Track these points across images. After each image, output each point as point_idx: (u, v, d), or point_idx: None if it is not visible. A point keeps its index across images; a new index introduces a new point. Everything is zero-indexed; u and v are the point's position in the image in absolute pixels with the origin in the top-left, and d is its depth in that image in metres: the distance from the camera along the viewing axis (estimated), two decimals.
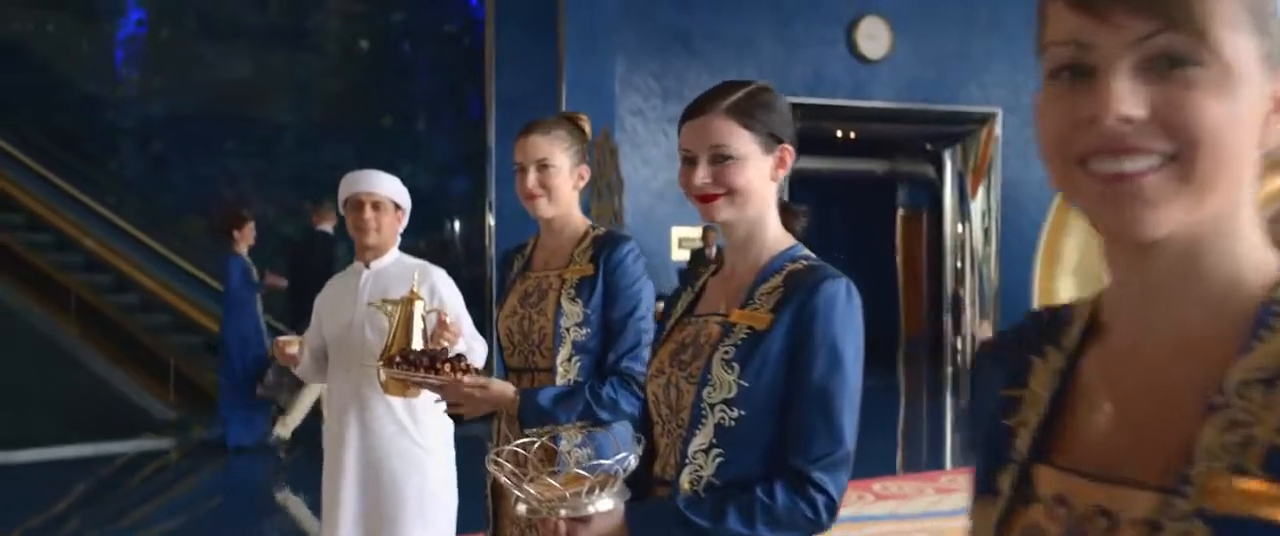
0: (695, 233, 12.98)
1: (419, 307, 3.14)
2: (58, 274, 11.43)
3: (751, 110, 1.89)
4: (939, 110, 14.02)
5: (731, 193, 1.86)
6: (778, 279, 1.87)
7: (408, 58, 13.41)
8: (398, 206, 3.62)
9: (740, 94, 1.92)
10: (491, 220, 11.32)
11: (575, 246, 2.74)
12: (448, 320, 3.22)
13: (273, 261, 10.56)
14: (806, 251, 1.95)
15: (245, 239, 9.22)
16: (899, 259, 17.27)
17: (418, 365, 2.65)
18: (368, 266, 3.63)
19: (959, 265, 14.88)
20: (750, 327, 1.83)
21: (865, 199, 17.17)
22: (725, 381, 1.80)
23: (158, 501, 8.02)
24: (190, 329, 11.51)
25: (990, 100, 14.21)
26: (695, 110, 1.94)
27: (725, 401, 1.80)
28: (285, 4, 13.35)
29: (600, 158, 12.02)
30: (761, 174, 1.88)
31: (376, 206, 3.56)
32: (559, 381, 2.67)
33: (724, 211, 1.88)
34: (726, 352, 1.82)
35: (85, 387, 10.21)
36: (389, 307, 3.14)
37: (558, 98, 11.30)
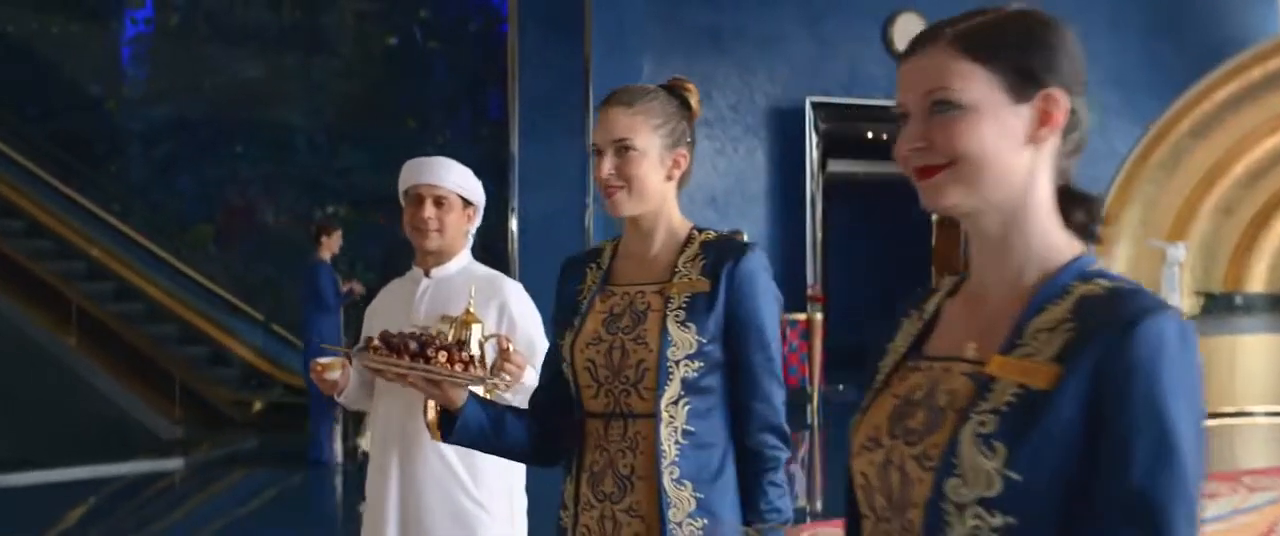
0: None
1: (477, 331, 2.58)
2: (58, 283, 10.93)
3: (990, 41, 1.25)
4: None
5: (956, 163, 1.23)
6: (1063, 307, 1.20)
7: (426, 57, 12.85)
8: (467, 203, 3.04)
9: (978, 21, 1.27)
10: (515, 225, 10.77)
11: (677, 254, 2.18)
12: (510, 349, 2.59)
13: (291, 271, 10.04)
14: (1102, 264, 1.26)
15: (330, 246, 8.89)
16: (934, 267, 16.69)
17: (401, 350, 2.03)
18: (428, 274, 3.05)
19: None
20: (1022, 386, 1.17)
21: (898, 204, 16.53)
22: (982, 471, 1.16)
23: (161, 525, 7.48)
24: (197, 341, 11.02)
25: None
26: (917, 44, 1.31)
27: (982, 502, 1.16)
28: (298, 2, 12.83)
29: None
30: (1006, 130, 1.23)
31: (440, 202, 2.97)
32: (663, 430, 2.09)
33: (951, 194, 1.24)
34: (983, 424, 1.17)
35: (85, 405, 9.68)
36: (444, 327, 2.58)
37: (585, 98, 10.75)
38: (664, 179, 2.16)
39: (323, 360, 2.91)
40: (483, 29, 12.77)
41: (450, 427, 2.09)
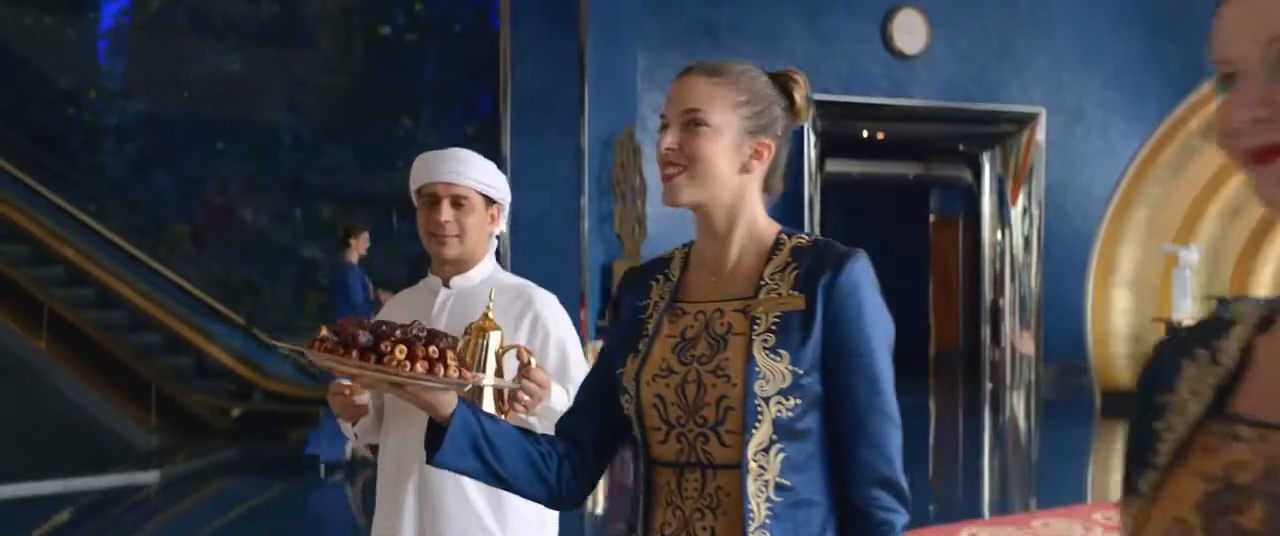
0: None
1: (494, 340, 2.20)
2: (28, 284, 10.50)
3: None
4: (978, 109, 13.17)
5: None
6: None
7: (413, 51, 12.45)
8: (490, 201, 2.66)
9: None
10: (504, 227, 10.39)
11: (763, 263, 1.79)
12: (532, 363, 2.24)
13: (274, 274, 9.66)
14: None
15: (358, 248, 8.64)
16: (933, 270, 16.41)
17: (351, 343, 1.60)
18: (448, 284, 2.68)
19: (997, 274, 14.02)
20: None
21: (896, 204, 16.33)
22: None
23: None
24: (175, 346, 10.60)
25: (1032, 99, 13.37)
26: None
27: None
28: None
29: (623, 158, 11.11)
30: None
31: (459, 203, 2.59)
32: (751, 485, 1.69)
33: None
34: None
35: (55, 413, 9.25)
36: (464, 340, 2.20)
37: (580, 95, 10.40)
38: (738, 169, 1.77)
39: (347, 382, 2.42)
40: (473, 22, 12.38)
41: (438, 445, 1.71)
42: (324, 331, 1.63)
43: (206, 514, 7.83)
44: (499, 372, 2.21)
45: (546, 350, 2.56)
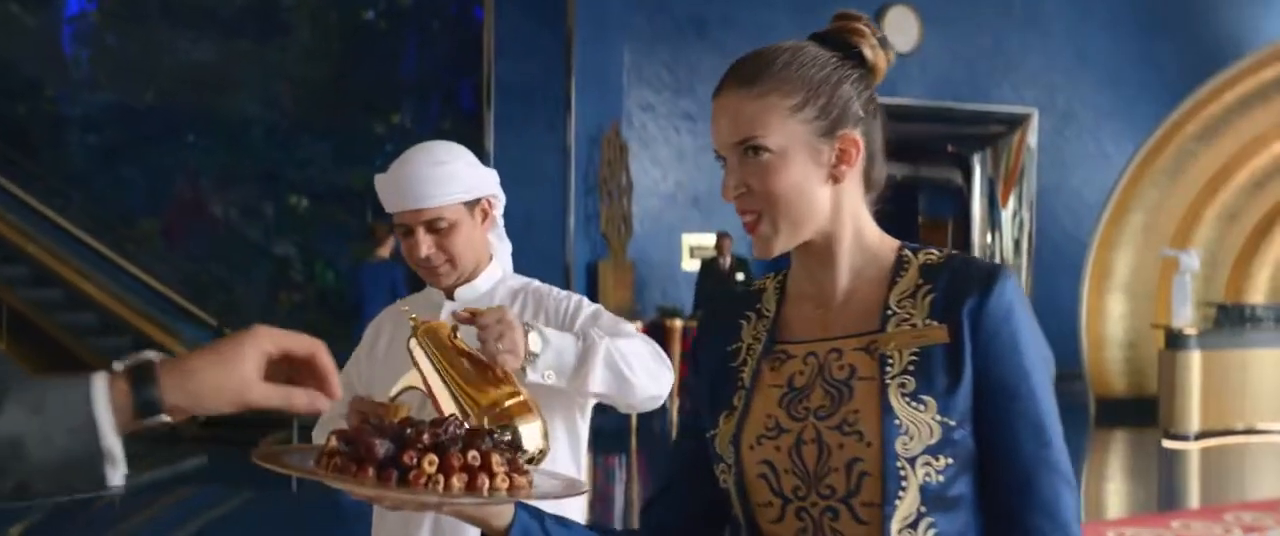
0: (708, 241, 11.80)
1: (441, 333, 1.81)
2: None
3: None
4: (970, 110, 12.94)
5: None
6: None
7: (392, 41, 12.09)
8: (474, 204, 2.25)
9: None
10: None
11: (886, 287, 1.44)
12: (465, 311, 1.85)
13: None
14: None
15: (390, 244, 8.32)
16: None
17: (367, 460, 1.21)
18: (451, 297, 2.31)
19: None
20: None
21: (884, 205, 16.08)
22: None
23: None
24: (141, 346, 10.17)
25: (1025, 100, 13.16)
26: None
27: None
28: None
29: (609, 156, 10.79)
30: None
31: (436, 226, 2.21)
32: None
33: None
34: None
35: None
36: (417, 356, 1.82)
37: (567, 88, 10.08)
38: (824, 180, 1.41)
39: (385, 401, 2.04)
40: (455, 12, 12.02)
41: None
42: (333, 442, 1.27)
43: (172, 524, 7.50)
44: (465, 352, 1.81)
45: (575, 318, 2.21)
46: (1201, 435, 9.80)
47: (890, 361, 1.37)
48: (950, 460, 1.35)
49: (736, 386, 1.46)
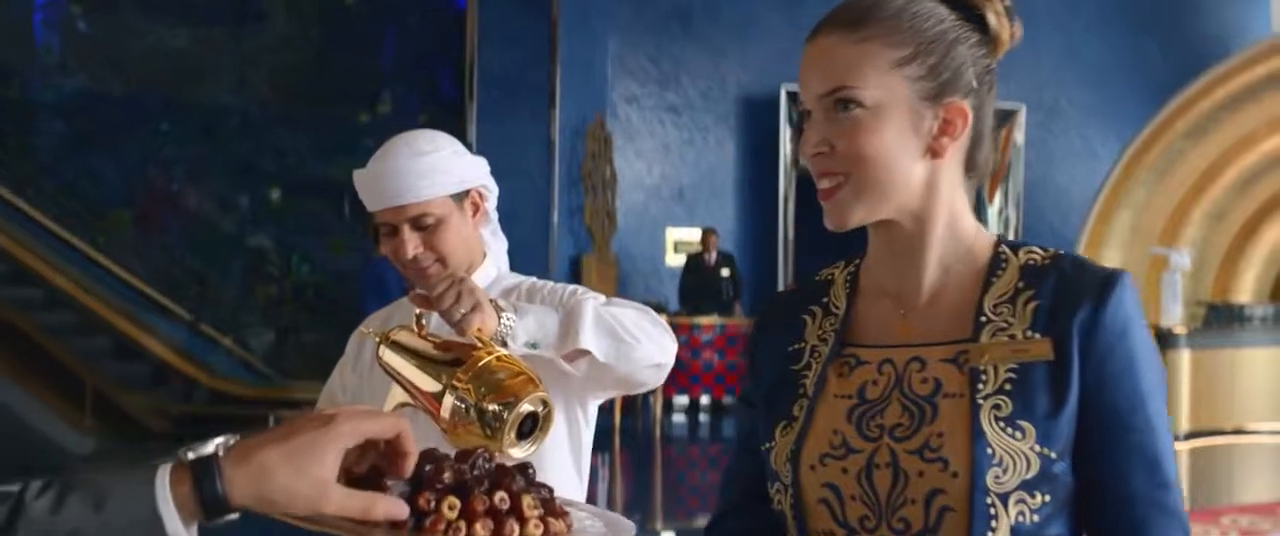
0: (693, 235, 11.64)
1: (404, 334, 1.56)
2: None
3: None
4: None
5: None
6: None
7: (371, 29, 11.82)
8: (462, 196, 2.04)
9: None
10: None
11: (978, 287, 1.24)
12: (439, 287, 1.61)
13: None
14: None
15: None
16: None
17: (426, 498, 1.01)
18: None
19: None
20: None
21: None
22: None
23: None
24: (113, 341, 9.94)
25: (1011, 95, 13.00)
26: None
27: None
28: None
29: (594, 148, 10.59)
30: None
31: (421, 223, 2.00)
32: None
33: None
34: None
35: None
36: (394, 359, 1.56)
37: (551, 78, 9.86)
38: (921, 153, 1.20)
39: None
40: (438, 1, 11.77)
41: None
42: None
43: None
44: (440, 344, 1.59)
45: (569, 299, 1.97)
46: (1190, 435, 9.70)
47: (983, 377, 1.17)
48: (1047, 498, 1.16)
49: (797, 394, 1.27)
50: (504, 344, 1.64)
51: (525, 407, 1.35)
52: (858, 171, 1.18)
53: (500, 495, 1.02)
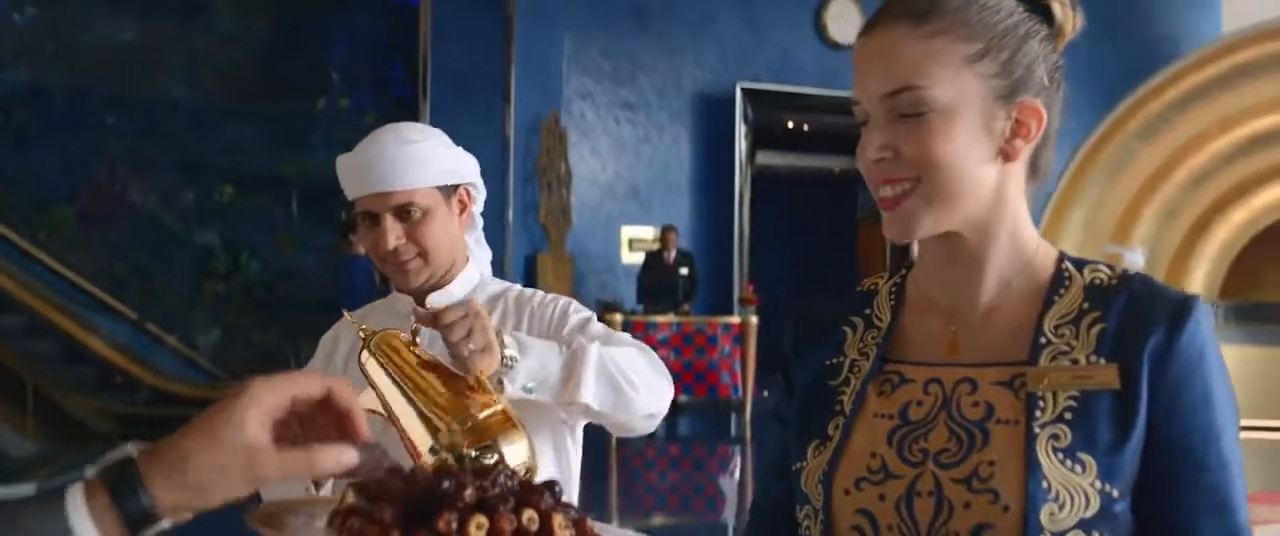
0: (648, 233, 11.56)
1: (397, 343, 1.50)
2: None
3: None
4: None
5: None
6: None
7: (321, 22, 11.62)
8: (450, 191, 1.94)
9: None
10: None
11: (1038, 304, 1.15)
12: (424, 311, 1.58)
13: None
14: None
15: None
16: (859, 267, 16.07)
17: (392, 525, 0.89)
18: (421, 302, 1.97)
19: None
20: None
21: (822, 199, 15.98)
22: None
23: None
24: (55, 341, 9.68)
25: None
26: None
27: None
28: None
29: (548, 144, 10.48)
30: None
31: (406, 213, 1.89)
32: None
33: None
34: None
35: None
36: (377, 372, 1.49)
37: (506, 75, 9.74)
38: (992, 156, 1.12)
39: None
40: None
41: None
42: (350, 497, 0.97)
43: None
44: (431, 364, 1.50)
45: (561, 325, 1.91)
46: None
47: (1041, 404, 1.08)
48: None
49: (833, 411, 1.18)
50: (500, 382, 1.57)
51: (510, 464, 1.28)
52: (927, 178, 1.09)
53: (529, 514, 0.93)
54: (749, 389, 10.46)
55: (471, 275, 2.01)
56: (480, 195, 2.02)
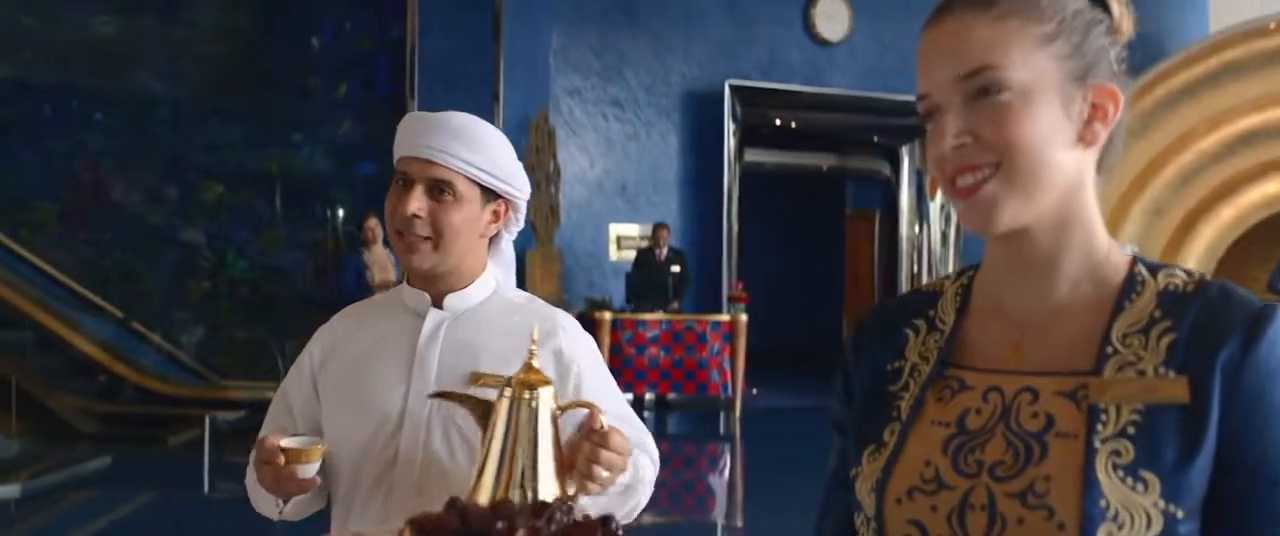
0: (634, 231, 11.50)
1: (546, 398, 1.47)
2: None
3: None
4: (899, 100, 12.75)
5: None
6: None
7: (306, 17, 11.51)
8: (491, 194, 1.87)
9: None
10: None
11: (1107, 311, 1.09)
12: (603, 424, 1.54)
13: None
14: None
15: (377, 237, 8.11)
16: (847, 265, 16.04)
17: None
18: (439, 304, 1.90)
19: (915, 270, 13.69)
20: None
21: (810, 196, 15.94)
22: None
23: None
24: (39, 339, 9.57)
25: None
26: None
27: None
28: None
29: (537, 142, 10.41)
30: None
31: (439, 189, 1.81)
32: None
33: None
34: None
35: None
36: (502, 400, 1.47)
37: (495, 70, 9.67)
38: (1073, 141, 1.07)
39: (286, 440, 1.71)
40: None
41: None
42: (407, 534, 0.92)
43: (74, 530, 6.94)
44: (557, 452, 1.50)
45: (580, 395, 1.84)
46: None
47: (1103, 417, 1.02)
48: None
49: (890, 417, 1.13)
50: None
51: None
52: (1008, 162, 1.04)
53: None
54: (738, 387, 10.42)
55: (487, 283, 1.94)
56: (517, 222, 1.96)
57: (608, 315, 10.00)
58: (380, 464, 1.80)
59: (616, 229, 11.73)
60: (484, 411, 1.51)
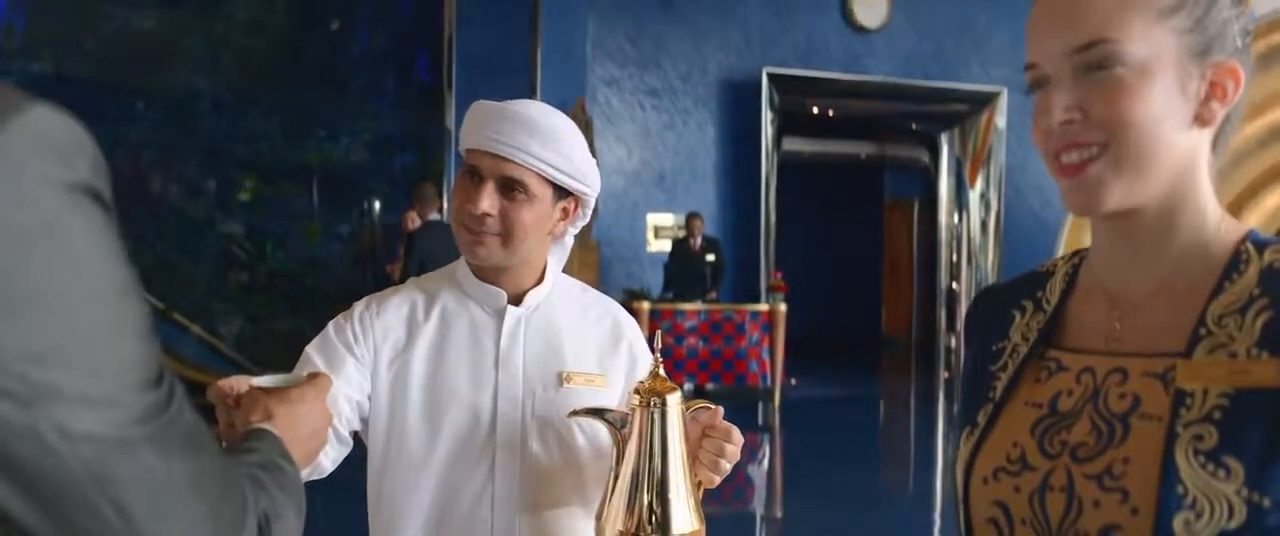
0: (672, 220, 11.46)
1: (675, 405, 1.56)
2: None
3: None
4: (937, 88, 12.66)
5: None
6: None
7: (344, 9, 11.53)
8: (562, 191, 1.79)
9: None
10: (448, 206, 9.62)
11: (1208, 290, 1.04)
12: (722, 422, 1.67)
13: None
14: None
15: (413, 221, 8.03)
16: (885, 254, 15.93)
17: None
18: (518, 302, 1.83)
19: (954, 259, 13.56)
20: None
21: (848, 185, 15.83)
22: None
23: None
24: None
25: (993, 78, 12.92)
26: None
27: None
28: None
29: None
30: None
31: (510, 186, 1.72)
32: None
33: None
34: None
35: None
36: (630, 408, 1.58)
37: (532, 60, 9.64)
38: (1188, 121, 1.02)
39: (268, 381, 1.39)
40: None
41: None
42: None
43: None
44: (685, 457, 1.61)
45: (631, 372, 1.88)
46: None
47: (1188, 401, 0.97)
48: None
49: (986, 397, 1.10)
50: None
51: None
52: (1117, 141, 1.00)
53: None
54: (778, 377, 10.36)
55: (550, 277, 1.88)
56: (583, 218, 1.89)
57: (646, 305, 9.97)
58: (479, 472, 1.74)
59: (654, 219, 11.70)
60: (620, 421, 1.59)
